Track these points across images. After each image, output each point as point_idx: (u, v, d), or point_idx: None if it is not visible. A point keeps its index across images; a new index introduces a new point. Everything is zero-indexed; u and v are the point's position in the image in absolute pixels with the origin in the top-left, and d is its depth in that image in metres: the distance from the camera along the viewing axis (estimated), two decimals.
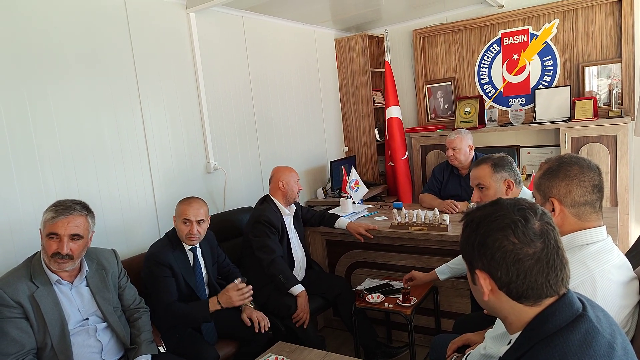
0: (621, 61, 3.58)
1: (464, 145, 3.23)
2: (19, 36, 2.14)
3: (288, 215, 2.91)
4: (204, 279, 2.46)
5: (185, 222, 2.31)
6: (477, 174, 2.20)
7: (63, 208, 1.81)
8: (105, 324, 1.96)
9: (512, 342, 0.99)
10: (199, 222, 2.33)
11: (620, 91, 3.60)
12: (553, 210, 1.38)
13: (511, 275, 0.94)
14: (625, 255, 2.07)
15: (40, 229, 1.83)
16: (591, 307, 0.97)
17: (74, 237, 1.81)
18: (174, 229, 2.41)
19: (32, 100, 2.18)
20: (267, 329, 2.36)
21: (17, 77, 2.13)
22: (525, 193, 2.17)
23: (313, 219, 3.16)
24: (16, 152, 2.13)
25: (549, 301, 0.96)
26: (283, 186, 2.83)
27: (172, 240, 2.37)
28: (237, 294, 2.28)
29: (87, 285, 1.95)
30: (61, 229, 1.78)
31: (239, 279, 2.33)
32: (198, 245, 2.42)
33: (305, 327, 2.59)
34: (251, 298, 2.35)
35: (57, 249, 1.78)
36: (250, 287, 2.34)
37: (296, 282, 2.67)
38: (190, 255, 2.41)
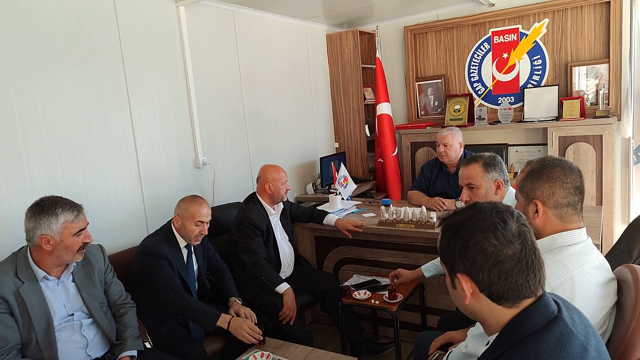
0: (609, 62, 3.62)
1: (455, 142, 3.25)
2: (4, 29, 2.10)
3: (274, 214, 2.90)
4: (195, 273, 2.47)
5: (198, 224, 2.31)
6: (468, 173, 2.18)
7: (73, 206, 1.90)
8: (90, 319, 1.96)
9: (490, 343, 1.01)
10: (208, 222, 2.37)
11: (607, 91, 3.65)
12: (536, 211, 1.40)
13: (493, 277, 0.96)
14: (606, 255, 2.12)
15: (52, 235, 1.81)
16: (566, 309, 0.99)
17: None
18: (169, 225, 2.40)
19: (17, 93, 2.16)
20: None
21: (1, 70, 2.10)
22: (512, 192, 2.19)
23: (302, 215, 3.16)
24: (1, 147, 2.10)
25: (526, 302, 0.98)
26: (269, 188, 2.82)
27: (167, 236, 2.36)
28: (250, 332, 2.14)
29: (73, 280, 1.95)
30: (84, 223, 1.92)
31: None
32: None
33: (291, 324, 2.61)
34: (260, 341, 2.15)
35: (84, 240, 1.91)
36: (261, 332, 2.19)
37: (280, 281, 2.68)
38: (185, 252, 2.41)
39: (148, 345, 2.14)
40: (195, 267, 2.48)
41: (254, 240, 2.71)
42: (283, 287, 2.64)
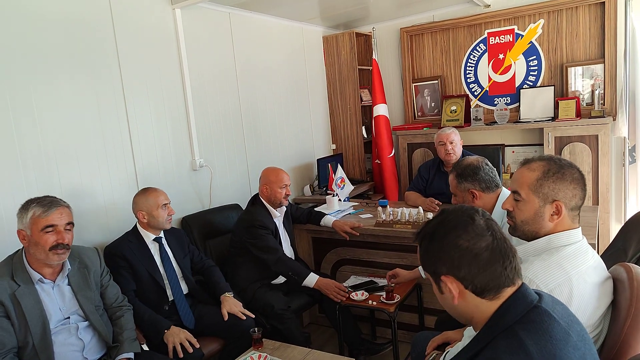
0: (604, 62, 3.64)
1: (459, 140, 3.32)
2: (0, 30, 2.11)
3: (278, 216, 2.89)
4: (177, 271, 2.45)
5: (163, 207, 2.39)
6: (449, 180, 2.24)
7: (48, 202, 1.85)
8: (86, 322, 1.96)
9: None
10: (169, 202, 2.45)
11: (602, 91, 3.66)
12: (554, 213, 1.36)
13: (473, 270, 1.02)
14: (602, 254, 2.12)
15: (23, 229, 1.81)
16: (550, 301, 1.04)
17: (68, 225, 1.88)
18: (134, 227, 2.42)
19: (13, 95, 2.15)
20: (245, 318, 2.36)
21: None
22: (505, 194, 2.17)
23: (301, 217, 3.17)
24: None
25: (507, 293, 1.03)
26: (266, 191, 2.82)
27: (129, 235, 2.39)
28: (183, 342, 2.16)
29: (69, 284, 1.95)
30: (57, 220, 1.83)
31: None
32: (162, 234, 2.44)
33: (343, 302, 2.57)
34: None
35: (58, 240, 1.81)
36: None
37: (307, 272, 2.67)
38: (154, 246, 2.41)
39: (145, 348, 2.14)
40: (175, 264, 2.45)
41: (268, 238, 2.71)
42: (313, 280, 2.63)
